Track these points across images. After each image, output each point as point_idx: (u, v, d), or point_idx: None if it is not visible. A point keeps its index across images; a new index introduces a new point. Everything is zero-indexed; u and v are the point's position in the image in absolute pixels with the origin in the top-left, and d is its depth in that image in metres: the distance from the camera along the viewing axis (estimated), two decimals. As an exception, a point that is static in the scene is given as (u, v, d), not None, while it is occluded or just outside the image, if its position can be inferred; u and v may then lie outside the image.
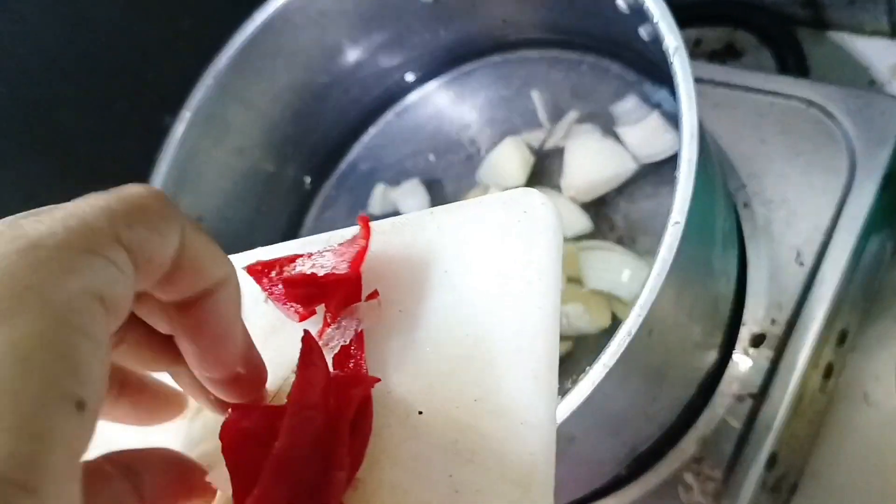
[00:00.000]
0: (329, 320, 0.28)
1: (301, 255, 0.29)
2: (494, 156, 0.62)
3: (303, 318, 0.29)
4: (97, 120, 0.71)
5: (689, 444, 0.51)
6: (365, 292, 0.28)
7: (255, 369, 0.26)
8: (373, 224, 0.29)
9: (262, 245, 0.32)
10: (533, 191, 0.27)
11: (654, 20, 0.45)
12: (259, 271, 0.29)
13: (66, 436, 0.16)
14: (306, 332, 0.27)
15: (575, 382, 0.39)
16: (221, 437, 0.24)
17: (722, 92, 0.58)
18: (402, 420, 0.25)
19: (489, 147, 0.63)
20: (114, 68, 0.70)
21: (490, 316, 0.26)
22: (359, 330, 0.27)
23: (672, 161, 0.55)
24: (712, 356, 0.51)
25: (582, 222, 0.58)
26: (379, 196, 0.66)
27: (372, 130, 0.69)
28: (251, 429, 0.25)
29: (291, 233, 0.68)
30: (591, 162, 0.58)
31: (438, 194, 0.64)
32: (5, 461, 0.15)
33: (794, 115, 0.55)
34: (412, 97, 0.69)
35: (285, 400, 0.25)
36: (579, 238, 0.58)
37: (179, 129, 0.59)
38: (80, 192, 0.21)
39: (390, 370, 0.26)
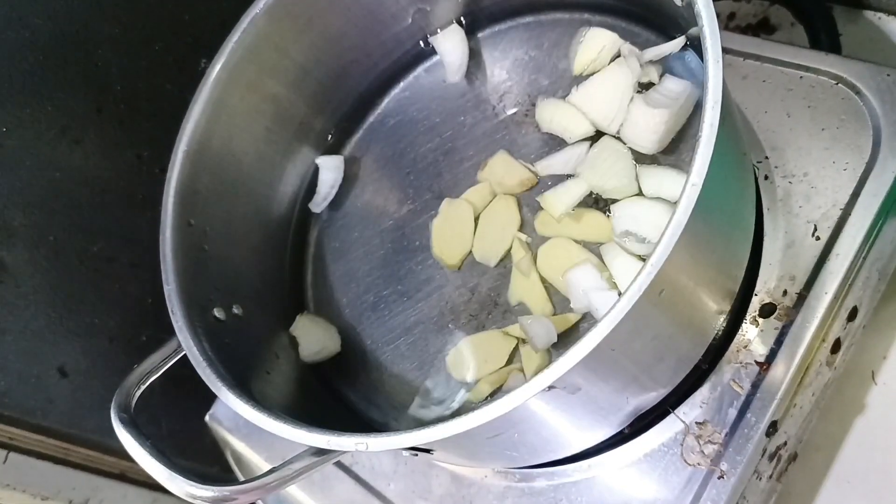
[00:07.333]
0: None
1: None
2: (595, 81, 0.58)
3: None
4: (134, 58, 0.72)
5: (692, 407, 0.52)
6: None
7: None
8: None
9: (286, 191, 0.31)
10: None
11: (687, -15, 0.45)
12: None
13: None
14: None
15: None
16: None
17: (751, 64, 0.58)
18: None
19: (515, 106, 0.64)
20: (153, 9, 0.71)
21: None
22: None
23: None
24: (721, 322, 0.52)
25: (584, 126, 0.58)
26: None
27: (402, 84, 0.70)
28: None
29: (314, 179, 0.69)
30: (598, 101, 0.57)
31: (460, 154, 0.65)
32: None
33: (822, 90, 0.55)
34: (443, 54, 0.69)
35: None
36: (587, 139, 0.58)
37: (214, 70, 0.60)
38: (114, 127, 0.22)
39: None
